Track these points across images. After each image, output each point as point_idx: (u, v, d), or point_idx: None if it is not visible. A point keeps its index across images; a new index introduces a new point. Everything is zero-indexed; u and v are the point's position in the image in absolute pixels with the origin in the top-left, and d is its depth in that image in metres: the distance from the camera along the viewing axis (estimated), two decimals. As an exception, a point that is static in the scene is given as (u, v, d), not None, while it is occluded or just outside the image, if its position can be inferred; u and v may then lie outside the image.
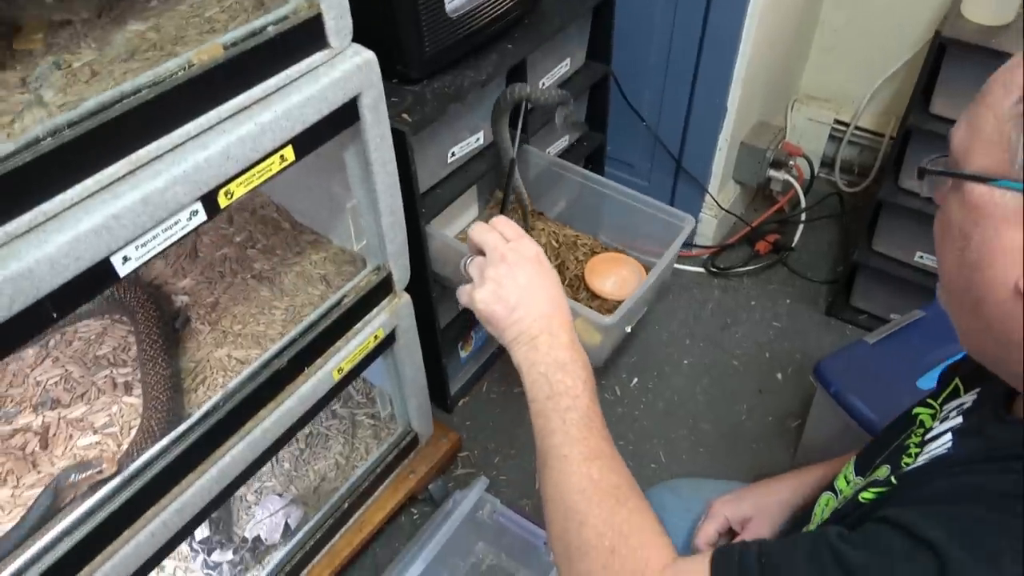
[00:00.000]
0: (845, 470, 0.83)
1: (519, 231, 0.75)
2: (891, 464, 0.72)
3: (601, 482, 0.64)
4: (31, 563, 0.76)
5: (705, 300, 1.84)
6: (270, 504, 1.25)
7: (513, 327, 0.70)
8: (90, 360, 1.05)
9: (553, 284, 0.73)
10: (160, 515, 0.88)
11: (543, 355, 0.69)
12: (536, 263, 0.73)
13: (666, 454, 1.54)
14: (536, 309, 0.70)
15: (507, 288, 0.71)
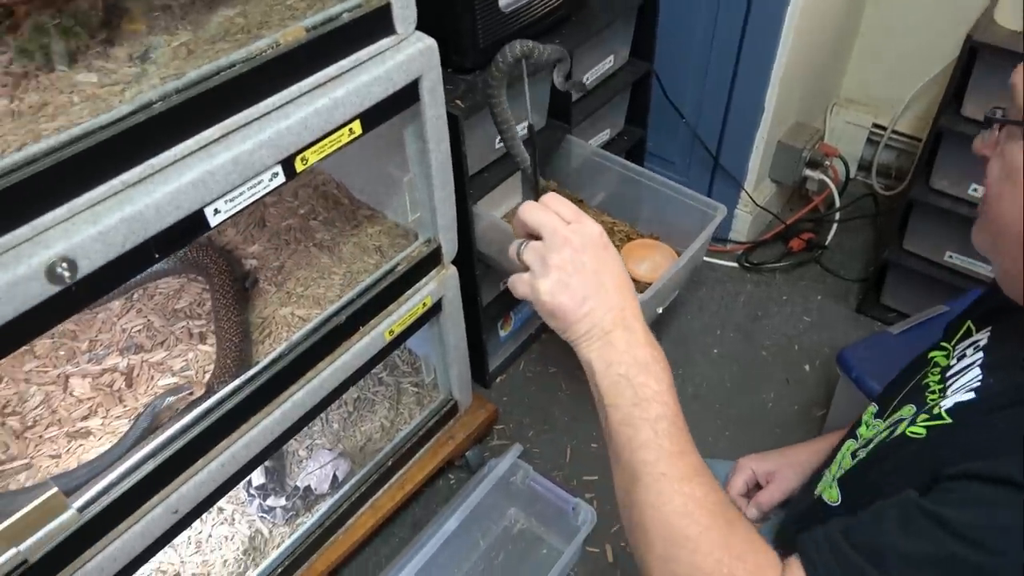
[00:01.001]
0: (865, 417, 0.86)
1: (577, 210, 0.67)
2: (915, 403, 0.73)
3: (706, 502, 0.60)
4: (126, 475, 0.88)
5: (737, 293, 1.91)
6: (320, 457, 1.36)
7: (583, 321, 0.63)
8: (169, 312, 1.16)
9: (621, 269, 0.66)
10: (230, 448, 0.99)
11: (621, 353, 0.62)
12: (602, 246, 0.65)
13: (694, 436, 1.60)
14: (607, 299, 0.63)
15: (574, 276, 0.63)
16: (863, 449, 0.78)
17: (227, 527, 1.30)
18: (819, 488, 0.83)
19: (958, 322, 0.81)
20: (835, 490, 0.76)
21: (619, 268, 0.66)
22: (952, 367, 0.73)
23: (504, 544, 1.46)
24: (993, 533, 0.51)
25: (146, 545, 0.94)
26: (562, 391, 1.71)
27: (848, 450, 0.83)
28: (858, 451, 0.79)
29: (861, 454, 0.77)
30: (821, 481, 0.84)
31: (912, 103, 1.99)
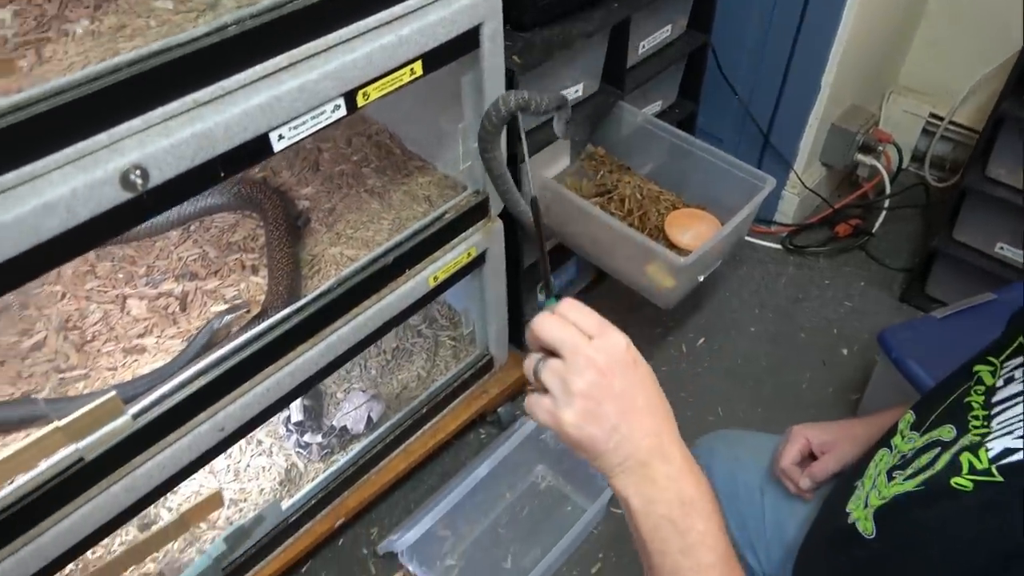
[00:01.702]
0: (901, 425, 0.84)
1: (600, 320, 0.59)
2: (956, 425, 0.71)
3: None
4: (179, 388, 0.92)
5: (779, 274, 1.90)
6: (356, 399, 1.40)
7: (615, 452, 0.56)
8: (223, 244, 1.21)
9: (654, 386, 0.59)
10: (276, 374, 1.03)
11: (662, 490, 0.56)
12: (631, 362, 0.58)
13: (724, 410, 1.62)
14: (641, 425, 0.57)
15: (602, 403, 0.56)
16: (900, 472, 0.76)
17: (265, 458, 1.35)
18: (850, 507, 0.81)
19: (1009, 333, 0.75)
20: (870, 523, 0.74)
21: (652, 386, 0.59)
22: (998, 390, 0.70)
23: (530, 499, 1.49)
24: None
25: (192, 459, 0.98)
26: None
27: (883, 464, 0.81)
28: (894, 471, 0.77)
29: (898, 478, 0.75)
30: (853, 497, 0.82)
31: (972, 94, 1.95)
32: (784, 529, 1.11)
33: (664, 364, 1.71)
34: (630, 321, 1.78)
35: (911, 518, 0.68)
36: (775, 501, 1.15)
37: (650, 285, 1.35)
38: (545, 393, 0.58)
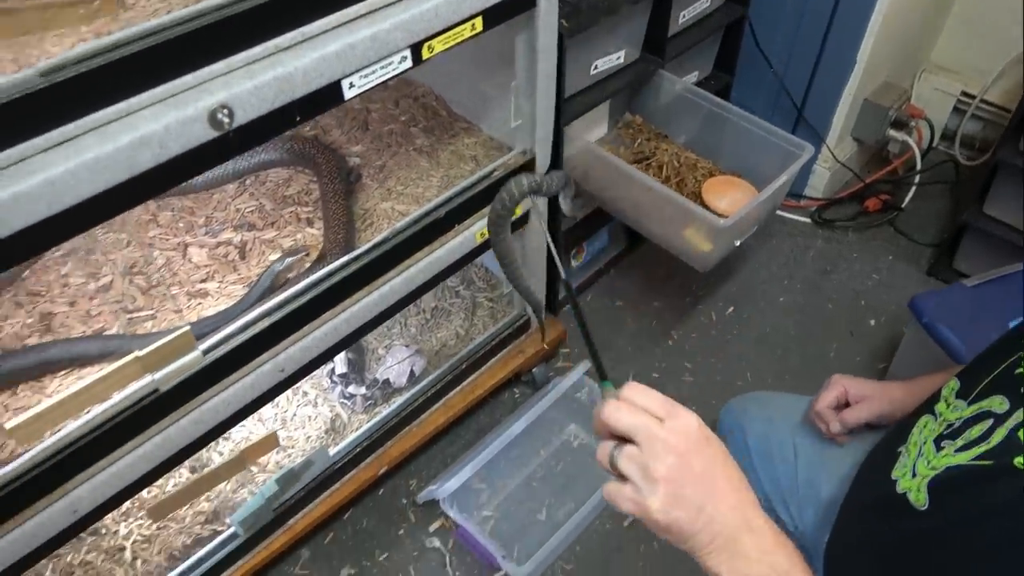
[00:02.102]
0: (945, 392, 0.85)
1: (668, 401, 0.60)
2: (1008, 396, 0.72)
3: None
4: (245, 328, 0.96)
5: (808, 247, 1.93)
6: (399, 353, 1.44)
7: (704, 532, 0.57)
8: (279, 198, 1.25)
9: (727, 458, 0.60)
10: (333, 320, 1.07)
11: (755, 563, 0.57)
12: (705, 440, 0.59)
13: (752, 376, 1.65)
14: (725, 501, 0.58)
15: (685, 486, 0.57)
16: (949, 441, 0.77)
17: (311, 408, 1.40)
18: (896, 474, 0.82)
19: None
20: (923, 494, 0.74)
21: (727, 460, 0.60)
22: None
23: (563, 456, 1.53)
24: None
25: (254, 397, 1.03)
26: (627, 324, 1.76)
27: (928, 432, 0.82)
28: (942, 440, 0.78)
29: (947, 447, 0.76)
30: (898, 464, 0.83)
31: (1004, 73, 1.96)
32: (817, 488, 1.14)
33: (694, 332, 1.74)
34: (661, 289, 1.82)
35: (970, 494, 0.69)
36: (808, 461, 1.19)
37: (687, 248, 1.39)
38: (624, 481, 0.59)
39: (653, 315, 1.77)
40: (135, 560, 1.20)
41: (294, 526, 1.30)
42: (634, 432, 0.58)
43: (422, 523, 1.44)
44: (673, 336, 1.73)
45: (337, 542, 1.42)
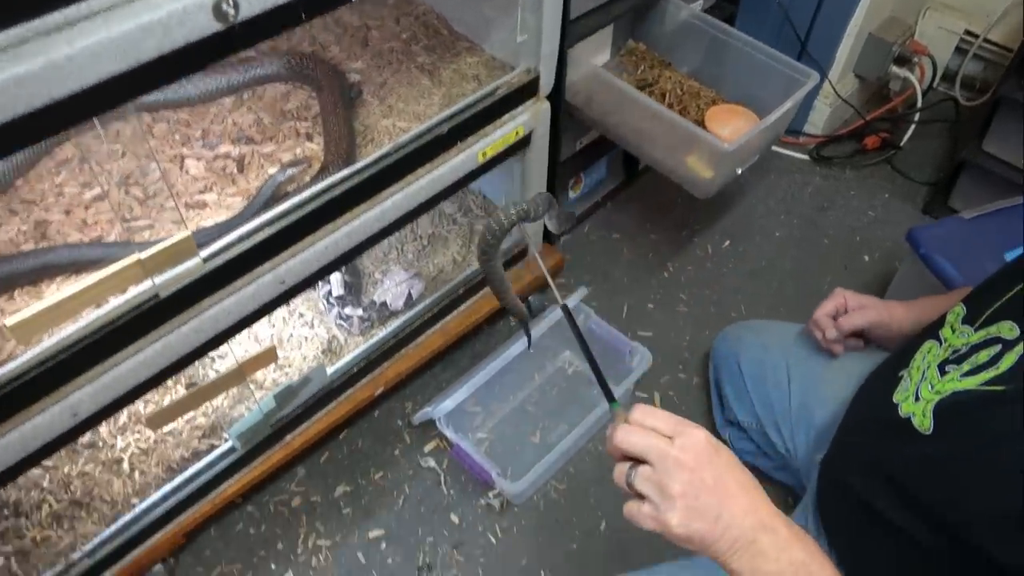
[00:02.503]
0: (950, 318, 0.86)
1: (675, 419, 0.64)
2: (1018, 323, 0.72)
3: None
4: (246, 237, 0.95)
5: (805, 184, 1.92)
6: (396, 276, 1.44)
7: (723, 538, 0.60)
8: (277, 112, 1.22)
9: (737, 466, 0.64)
10: (334, 234, 1.06)
11: (775, 560, 0.61)
12: (714, 451, 0.62)
13: (747, 308, 1.67)
14: (739, 507, 0.61)
15: (701, 498, 0.60)
16: (954, 366, 0.77)
17: (307, 330, 1.40)
18: (898, 398, 0.83)
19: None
20: (928, 419, 0.75)
21: (737, 467, 0.63)
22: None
23: (557, 382, 1.55)
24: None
25: (255, 307, 1.02)
26: (623, 255, 1.76)
27: (932, 357, 0.82)
28: (947, 365, 0.78)
29: (952, 372, 0.76)
30: (899, 388, 0.84)
31: (1008, 13, 1.93)
32: (810, 411, 1.17)
33: (690, 264, 1.75)
34: (658, 222, 1.82)
35: (978, 419, 0.70)
36: (802, 386, 1.21)
37: (689, 175, 1.38)
38: (642, 500, 0.62)
39: (650, 247, 1.77)
40: (133, 471, 1.21)
41: (291, 443, 1.31)
42: (646, 453, 0.61)
43: (417, 444, 1.46)
44: (669, 268, 1.74)
45: (333, 461, 1.44)
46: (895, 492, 0.79)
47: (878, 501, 0.80)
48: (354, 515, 1.37)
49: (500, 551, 1.33)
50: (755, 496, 0.63)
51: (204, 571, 1.31)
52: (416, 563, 1.31)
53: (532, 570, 1.31)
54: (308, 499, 1.39)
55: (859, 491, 0.84)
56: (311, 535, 1.34)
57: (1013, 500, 0.63)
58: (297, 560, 1.32)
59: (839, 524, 0.92)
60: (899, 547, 0.79)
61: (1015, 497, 0.63)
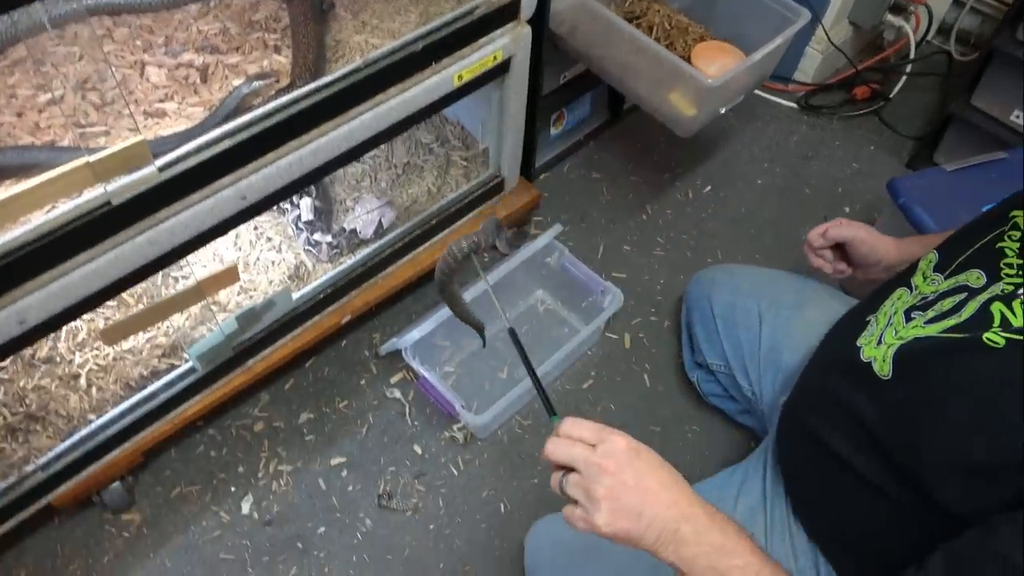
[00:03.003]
0: (922, 265, 0.85)
1: (597, 428, 0.68)
2: (985, 270, 0.71)
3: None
4: (206, 147, 0.91)
5: (791, 132, 1.89)
6: (368, 204, 1.40)
7: (648, 532, 0.65)
8: (245, 22, 1.17)
9: (659, 465, 0.68)
10: (299, 151, 1.02)
11: (696, 546, 0.64)
12: (635, 454, 0.66)
13: (723, 254, 1.65)
14: (660, 502, 0.65)
15: (623, 498, 0.64)
16: (920, 313, 0.76)
17: (275, 254, 1.37)
18: (861, 342, 0.82)
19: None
20: (888, 364, 0.75)
21: (659, 466, 0.67)
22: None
23: (529, 320, 1.53)
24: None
25: (214, 223, 0.99)
26: (603, 196, 1.73)
27: (901, 303, 0.82)
28: (913, 311, 0.77)
29: (917, 319, 0.75)
30: (865, 332, 0.84)
31: (1011, -37, 1.88)
32: (779, 354, 1.16)
33: (669, 208, 1.72)
34: (640, 164, 1.78)
35: (935, 367, 0.69)
36: (772, 329, 1.20)
37: (672, 112, 1.34)
38: (576, 504, 0.66)
39: (630, 189, 1.74)
40: (90, 388, 1.19)
41: (253, 367, 1.29)
42: (573, 462, 0.66)
43: (383, 375, 1.44)
44: (648, 211, 1.71)
45: (298, 388, 1.42)
46: (852, 434, 0.78)
47: (835, 442, 0.80)
48: (317, 442, 1.36)
49: (462, 483, 1.33)
50: (675, 491, 0.66)
51: (163, 491, 1.30)
52: (377, 491, 1.31)
53: (492, 501, 1.31)
54: (271, 424, 1.38)
55: (817, 432, 0.83)
56: (272, 460, 1.34)
57: (962, 451, 0.63)
58: (257, 484, 1.31)
59: (796, 466, 0.92)
60: (854, 488, 0.79)
61: (965, 448, 0.62)
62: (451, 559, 1.25)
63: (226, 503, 1.29)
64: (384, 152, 1.55)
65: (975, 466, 0.61)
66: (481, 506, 1.31)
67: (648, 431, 1.40)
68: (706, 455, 1.37)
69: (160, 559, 1.24)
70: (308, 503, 1.29)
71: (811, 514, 0.89)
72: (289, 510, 1.29)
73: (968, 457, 0.62)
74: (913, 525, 0.71)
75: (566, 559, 1.00)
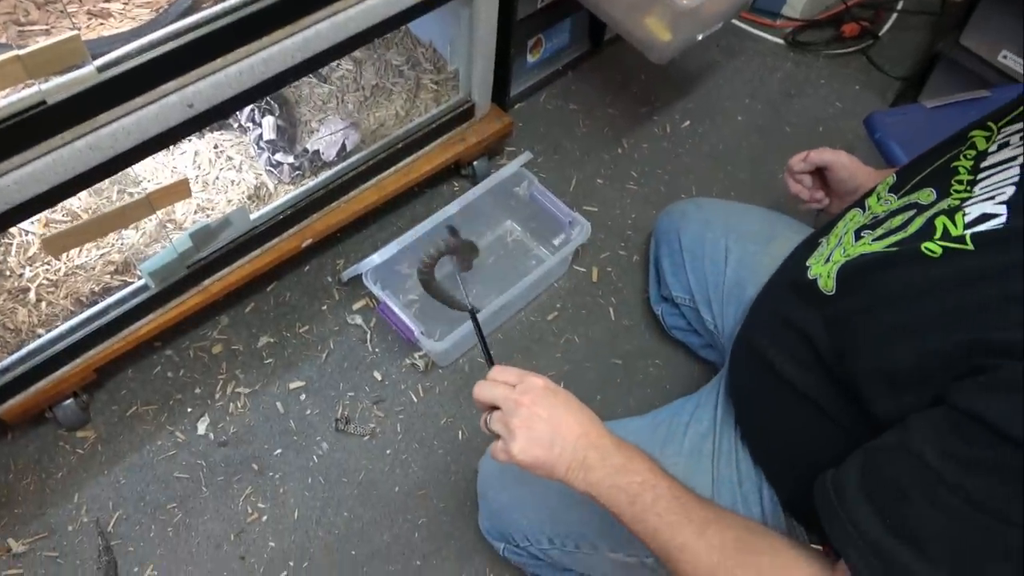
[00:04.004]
0: (880, 188, 0.83)
1: (519, 372, 0.75)
2: (936, 188, 0.70)
3: (726, 545, 0.64)
4: (149, 48, 0.87)
5: (775, 69, 1.84)
6: (332, 124, 1.36)
7: (560, 460, 0.69)
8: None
9: (571, 401, 0.73)
10: (250, 58, 0.98)
11: (601, 471, 0.69)
12: (551, 392, 0.72)
13: (698, 190, 1.62)
14: (570, 431, 0.70)
15: (536, 429, 0.69)
16: (869, 231, 0.75)
17: (234, 173, 1.33)
18: (811, 261, 0.81)
19: (1017, 101, 0.72)
20: (832, 280, 0.74)
21: (573, 403, 0.73)
22: (990, 154, 0.68)
23: (497, 250, 1.51)
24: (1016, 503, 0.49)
25: (159, 131, 0.95)
26: (579, 128, 1.69)
27: (853, 223, 0.81)
28: (863, 231, 0.76)
29: (866, 237, 0.74)
30: (815, 252, 0.83)
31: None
32: (743, 287, 1.15)
33: (646, 142, 1.69)
34: (618, 96, 1.74)
35: (874, 279, 0.68)
36: (739, 262, 1.18)
37: (647, 37, 1.30)
38: (499, 439, 0.72)
39: (607, 121, 1.70)
40: (39, 302, 1.16)
41: (210, 288, 1.27)
42: (496, 400, 0.73)
43: (346, 301, 1.42)
44: (624, 144, 1.68)
45: (258, 312, 1.40)
46: (797, 353, 0.78)
47: (780, 362, 0.79)
48: (276, 366, 1.35)
49: (421, 409, 1.32)
50: (586, 423, 0.71)
51: (119, 410, 1.29)
52: (335, 415, 1.30)
53: (451, 428, 1.31)
54: (230, 347, 1.36)
55: (765, 355, 0.82)
56: (230, 382, 1.33)
57: (890, 358, 0.62)
58: (214, 405, 1.30)
59: (745, 390, 0.91)
60: (798, 409, 0.78)
61: (892, 355, 0.61)
62: (407, 483, 1.26)
63: (182, 423, 1.28)
64: (352, 73, 1.50)
65: (901, 374, 0.60)
66: (439, 432, 1.30)
67: (611, 364, 1.39)
68: (667, 389, 1.37)
69: (114, 476, 1.23)
70: (265, 425, 1.29)
71: (757, 439, 0.89)
72: (245, 432, 1.28)
73: (895, 364, 0.61)
74: (853, 444, 0.70)
75: (513, 481, 1.00)
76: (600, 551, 0.94)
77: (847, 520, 0.58)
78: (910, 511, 0.54)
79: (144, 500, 1.22)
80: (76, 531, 1.19)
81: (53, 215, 1.23)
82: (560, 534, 0.97)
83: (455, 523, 1.23)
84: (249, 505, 1.22)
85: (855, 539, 0.57)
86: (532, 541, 1.00)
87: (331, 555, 1.19)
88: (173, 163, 1.33)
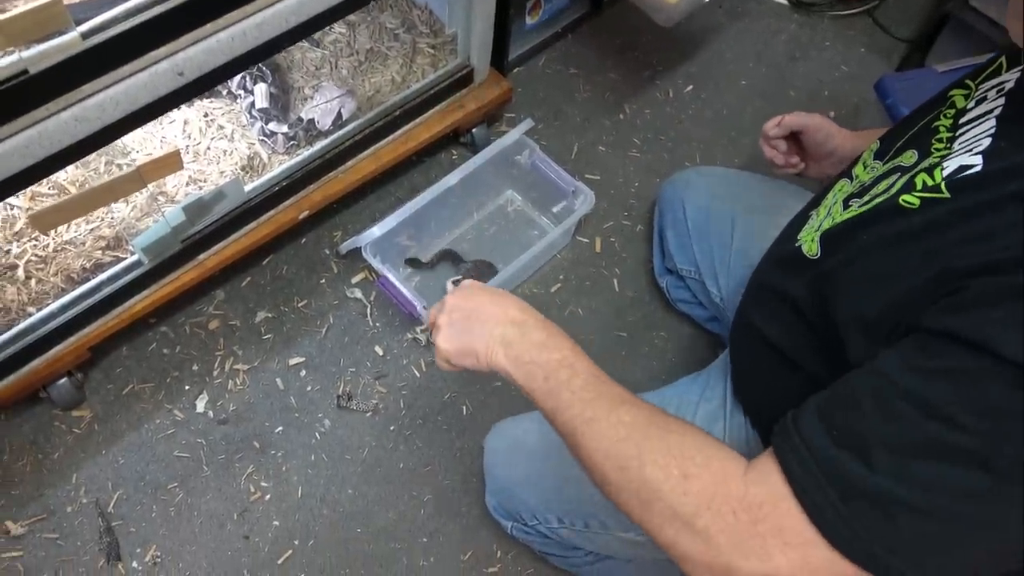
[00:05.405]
0: (865, 156, 0.82)
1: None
2: (918, 149, 0.69)
3: (637, 421, 0.61)
4: (136, 13, 0.82)
5: (779, 31, 1.80)
6: (327, 92, 1.31)
7: (480, 343, 0.70)
8: None
9: (497, 293, 0.74)
10: (242, 23, 0.93)
11: (519, 346, 0.69)
12: (476, 287, 0.75)
13: (701, 156, 1.59)
14: (492, 316, 0.71)
15: (458, 319, 0.72)
16: (856, 199, 0.74)
17: (227, 143, 1.29)
18: (801, 235, 0.80)
19: (994, 58, 0.71)
20: (816, 244, 0.73)
21: (490, 292, 0.74)
22: (968, 111, 0.66)
23: (497, 220, 1.48)
24: (974, 415, 0.48)
25: (149, 100, 0.91)
26: (579, 92, 1.64)
27: (841, 193, 0.80)
28: (851, 199, 0.75)
29: (854, 205, 0.73)
30: (805, 227, 0.81)
31: None
32: (749, 259, 1.12)
33: (648, 107, 1.64)
34: (620, 60, 1.69)
35: (856, 236, 0.68)
36: (744, 233, 1.16)
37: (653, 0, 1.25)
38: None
39: (608, 86, 1.66)
40: (29, 279, 1.13)
41: (205, 262, 1.23)
42: (439, 309, 0.76)
43: (344, 274, 1.39)
44: (626, 110, 1.64)
45: (255, 286, 1.37)
46: (788, 323, 0.76)
47: (773, 334, 0.78)
48: (274, 341, 1.32)
49: (423, 384, 1.30)
50: (505, 305, 0.72)
51: (115, 388, 1.27)
52: (336, 391, 1.28)
53: (455, 403, 1.29)
54: (227, 323, 1.33)
55: (759, 328, 0.81)
56: (228, 358, 1.30)
57: (865, 308, 0.61)
58: (212, 382, 1.28)
59: (744, 366, 0.90)
60: (789, 379, 0.77)
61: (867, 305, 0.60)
62: (411, 459, 1.24)
63: (180, 401, 1.26)
64: (346, 37, 1.44)
65: (876, 319, 0.59)
66: (443, 408, 1.28)
67: (615, 336, 1.37)
68: (672, 361, 1.35)
69: (112, 455, 1.21)
70: (265, 403, 1.26)
71: (757, 414, 0.88)
72: (246, 409, 1.26)
73: (872, 310, 0.60)
74: None
75: (522, 458, 0.99)
76: (610, 530, 0.93)
77: (795, 432, 0.56)
78: (859, 421, 0.53)
79: (144, 480, 1.19)
80: (75, 512, 1.17)
81: (39, 188, 1.19)
82: (569, 512, 0.96)
83: (461, 500, 1.21)
84: (252, 484, 1.20)
85: (798, 447, 0.54)
86: (540, 520, 0.99)
87: (336, 533, 1.18)
88: (162, 133, 1.28)
